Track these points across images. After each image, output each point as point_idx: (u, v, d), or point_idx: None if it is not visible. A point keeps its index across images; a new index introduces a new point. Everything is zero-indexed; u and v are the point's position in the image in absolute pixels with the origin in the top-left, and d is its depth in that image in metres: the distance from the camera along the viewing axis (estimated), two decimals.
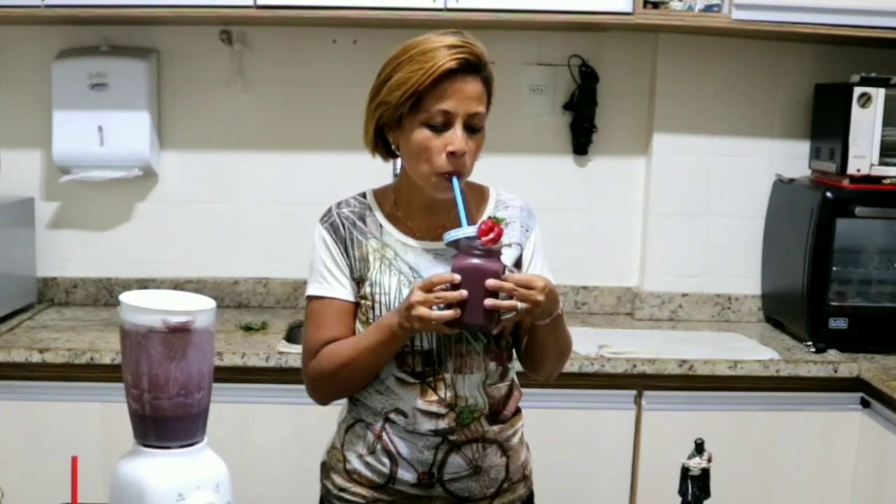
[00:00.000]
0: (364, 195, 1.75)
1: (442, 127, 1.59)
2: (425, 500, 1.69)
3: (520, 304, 1.54)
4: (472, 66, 1.60)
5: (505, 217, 1.65)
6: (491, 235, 1.52)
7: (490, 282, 1.51)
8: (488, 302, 1.51)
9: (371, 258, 1.67)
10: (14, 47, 2.99)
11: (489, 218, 1.55)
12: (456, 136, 1.59)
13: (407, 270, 1.66)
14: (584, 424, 2.65)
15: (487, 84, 1.64)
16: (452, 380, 1.65)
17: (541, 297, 1.54)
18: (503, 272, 1.53)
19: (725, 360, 2.63)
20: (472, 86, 1.60)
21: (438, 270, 1.63)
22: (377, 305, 1.66)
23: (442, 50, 1.58)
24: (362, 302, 1.68)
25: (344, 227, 1.70)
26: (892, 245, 2.92)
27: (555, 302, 1.61)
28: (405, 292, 1.63)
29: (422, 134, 1.60)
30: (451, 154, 1.59)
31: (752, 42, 3.01)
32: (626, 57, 3.06)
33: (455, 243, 1.55)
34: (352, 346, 1.65)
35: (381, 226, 1.70)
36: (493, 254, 1.53)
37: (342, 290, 1.68)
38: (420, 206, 1.69)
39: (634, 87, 3.09)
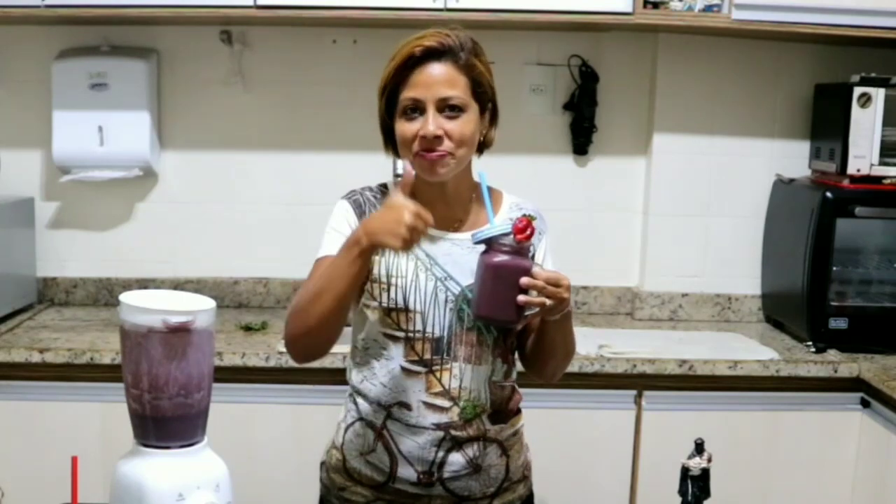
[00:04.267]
0: (385, 185, 1.79)
1: (417, 115, 1.63)
2: (425, 499, 1.69)
3: (547, 301, 1.56)
4: (436, 53, 1.63)
5: (536, 216, 1.66)
6: (527, 233, 1.54)
7: (524, 280, 1.53)
8: (521, 298, 1.54)
9: None
10: (14, 47, 2.99)
11: (523, 215, 1.57)
12: (426, 121, 1.61)
13: (424, 258, 1.68)
14: (584, 424, 2.65)
15: (467, 70, 1.65)
16: (461, 369, 1.66)
17: (567, 295, 1.57)
18: (532, 269, 1.56)
19: (725, 360, 2.63)
20: (439, 71, 1.63)
21: (454, 258, 1.67)
22: (393, 288, 1.67)
23: (411, 42, 1.64)
24: (376, 286, 1.68)
25: (365, 205, 1.72)
26: (892, 245, 2.92)
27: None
28: (421, 277, 1.66)
29: (400, 123, 1.65)
30: (423, 138, 1.62)
31: (752, 42, 3.01)
32: (626, 57, 3.06)
33: (488, 241, 1.56)
34: (317, 274, 1.65)
35: None
36: (524, 251, 1.56)
37: None
38: (433, 199, 1.71)
39: (634, 87, 3.08)
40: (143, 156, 2.97)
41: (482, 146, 1.72)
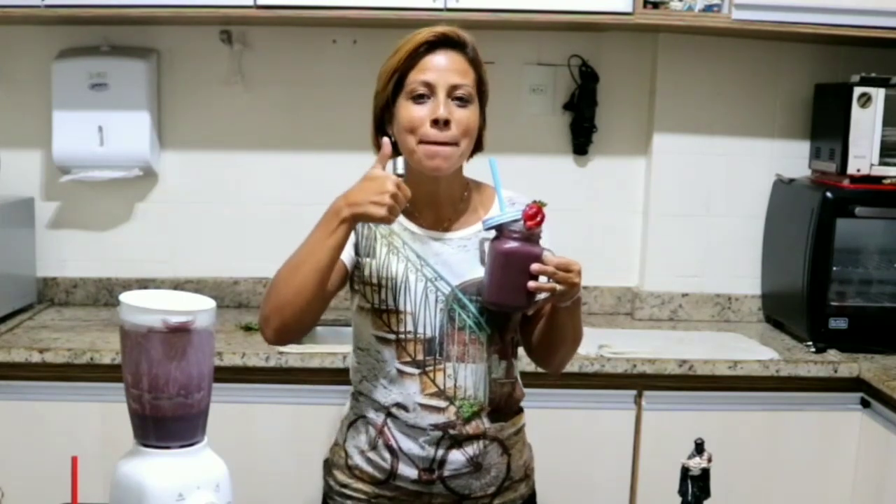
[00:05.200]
0: None
1: (426, 99, 1.63)
2: (426, 497, 1.70)
3: (558, 287, 1.56)
4: (451, 42, 1.65)
5: (547, 203, 1.66)
6: (537, 219, 1.55)
7: (535, 266, 1.55)
8: (532, 284, 1.55)
9: (378, 244, 1.69)
10: (14, 47, 2.99)
11: (533, 202, 1.58)
12: (438, 104, 1.61)
13: (414, 258, 1.68)
14: (584, 424, 2.65)
15: (474, 65, 1.67)
16: (454, 369, 1.66)
17: (578, 280, 1.58)
18: (542, 255, 1.57)
19: (725, 360, 2.63)
20: (453, 59, 1.65)
21: (444, 258, 1.68)
22: (383, 290, 1.67)
23: (423, 32, 1.65)
24: (367, 288, 1.68)
25: None
26: (892, 245, 2.92)
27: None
28: (412, 278, 1.66)
29: (407, 107, 1.64)
30: (434, 122, 1.61)
31: (752, 42, 3.01)
32: (626, 57, 3.06)
33: (498, 227, 1.58)
34: (296, 249, 1.64)
35: None
36: (534, 237, 1.58)
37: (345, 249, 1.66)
38: (425, 199, 1.71)
39: (634, 87, 3.09)
40: (143, 156, 2.97)
41: (474, 149, 1.72)
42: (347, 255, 1.68)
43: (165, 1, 2.65)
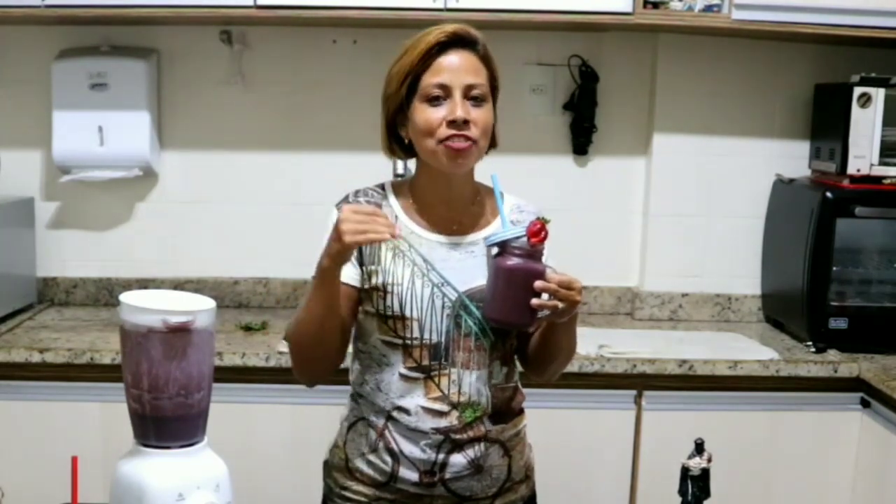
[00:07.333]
0: (382, 186, 1.77)
1: (441, 101, 1.62)
2: (427, 499, 1.69)
3: (560, 304, 1.56)
4: (463, 41, 1.64)
5: (550, 220, 1.65)
6: (541, 236, 1.54)
7: (538, 283, 1.53)
8: (535, 302, 1.54)
9: (383, 248, 1.67)
10: (14, 47, 2.99)
11: (538, 218, 1.57)
12: (454, 104, 1.61)
13: (420, 262, 1.67)
14: (584, 424, 2.65)
15: (487, 63, 1.66)
16: (459, 375, 1.66)
17: (579, 298, 1.57)
18: (545, 272, 1.56)
19: (725, 360, 2.63)
20: (466, 58, 1.64)
21: (451, 263, 1.66)
22: (389, 296, 1.66)
23: (434, 32, 1.64)
24: (374, 293, 1.68)
25: None
26: (892, 245, 2.92)
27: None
28: (418, 283, 1.65)
29: (423, 110, 1.63)
30: (451, 123, 1.60)
31: (752, 42, 3.01)
32: (626, 57, 3.07)
33: (501, 244, 1.56)
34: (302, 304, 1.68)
35: (396, 217, 1.70)
36: (537, 254, 1.56)
37: (345, 272, 1.65)
38: (435, 200, 1.70)
39: (634, 87, 3.08)
40: (143, 156, 2.97)
41: (489, 147, 1.72)
42: (354, 276, 1.67)
43: (165, 1, 2.66)
